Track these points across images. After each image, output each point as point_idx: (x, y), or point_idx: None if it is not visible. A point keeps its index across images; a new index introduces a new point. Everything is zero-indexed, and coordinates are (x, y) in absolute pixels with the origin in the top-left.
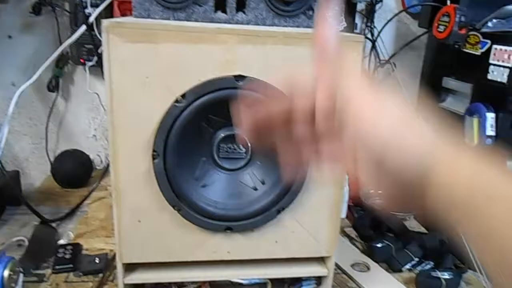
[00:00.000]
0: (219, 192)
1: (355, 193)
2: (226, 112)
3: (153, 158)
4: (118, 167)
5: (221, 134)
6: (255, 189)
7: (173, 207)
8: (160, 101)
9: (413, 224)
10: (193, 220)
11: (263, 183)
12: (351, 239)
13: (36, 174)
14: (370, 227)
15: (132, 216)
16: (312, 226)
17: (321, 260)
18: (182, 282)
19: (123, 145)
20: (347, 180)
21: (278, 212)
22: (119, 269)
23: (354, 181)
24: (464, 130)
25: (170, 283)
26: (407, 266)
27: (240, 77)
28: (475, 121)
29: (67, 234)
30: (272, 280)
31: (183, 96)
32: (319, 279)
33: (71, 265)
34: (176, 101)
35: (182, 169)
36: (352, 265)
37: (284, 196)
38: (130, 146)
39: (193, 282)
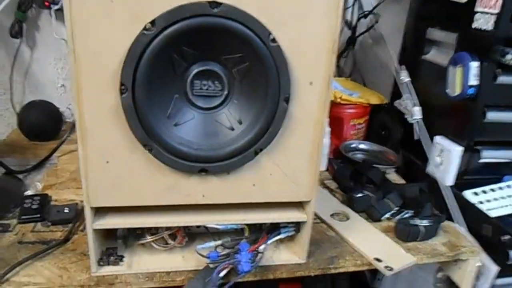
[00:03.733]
0: (193, 131)
1: (335, 146)
2: (201, 44)
3: (121, 93)
4: (82, 104)
5: (195, 69)
6: (232, 129)
7: (144, 146)
8: (127, 29)
9: (393, 177)
10: (165, 160)
11: (240, 122)
12: (331, 190)
13: (2, 127)
14: (350, 179)
15: (100, 156)
16: (291, 169)
17: (300, 205)
18: (156, 228)
19: (87, 79)
20: (329, 133)
21: (256, 153)
22: (87, 213)
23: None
24: (447, 81)
25: (142, 230)
26: (387, 216)
27: (214, 3)
28: (459, 70)
29: (34, 185)
30: (249, 225)
31: (152, 23)
32: (298, 226)
33: (38, 215)
34: (145, 28)
35: (153, 105)
36: (332, 215)
37: (262, 136)
38: (95, 80)
39: (167, 229)
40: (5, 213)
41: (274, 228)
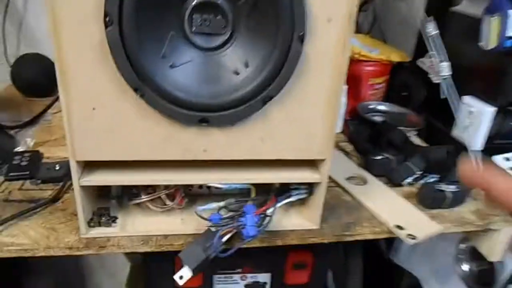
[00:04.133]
0: (191, 74)
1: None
2: None
3: (106, 26)
4: (61, 41)
5: (194, 0)
6: (236, 73)
7: (135, 90)
8: None
9: (416, 141)
10: (160, 108)
11: (246, 65)
12: (346, 153)
13: None
14: (368, 140)
15: (85, 103)
16: (305, 121)
17: (313, 165)
18: (152, 188)
19: (66, 10)
20: (345, 91)
21: (264, 102)
22: (73, 168)
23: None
24: (481, 33)
25: (138, 189)
26: (408, 180)
27: None
28: (495, 20)
29: (25, 142)
30: (256, 186)
31: None
32: (310, 188)
33: (27, 173)
34: None
35: (144, 42)
36: (347, 178)
37: (272, 82)
38: (75, 10)
39: (165, 188)
40: None
41: (284, 190)
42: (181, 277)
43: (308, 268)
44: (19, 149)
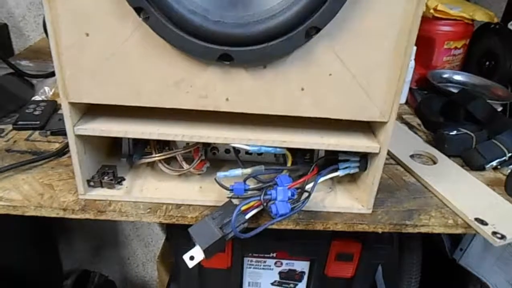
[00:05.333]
0: None
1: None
2: None
3: None
4: None
5: None
6: None
7: (138, 11)
8: None
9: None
10: (169, 36)
11: None
12: (411, 127)
13: (34, 33)
14: (440, 113)
15: (76, 25)
16: (363, 68)
17: (370, 130)
18: (167, 146)
19: None
20: (413, 54)
21: (308, 35)
22: (66, 111)
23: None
24: None
25: (151, 147)
26: (494, 163)
27: None
28: None
29: (44, 91)
30: (293, 153)
31: None
32: (364, 161)
33: (37, 122)
34: None
35: None
36: (412, 156)
37: (320, 8)
38: None
39: (186, 146)
40: (2, 117)
41: (330, 161)
42: (191, 258)
43: (354, 260)
44: (37, 98)
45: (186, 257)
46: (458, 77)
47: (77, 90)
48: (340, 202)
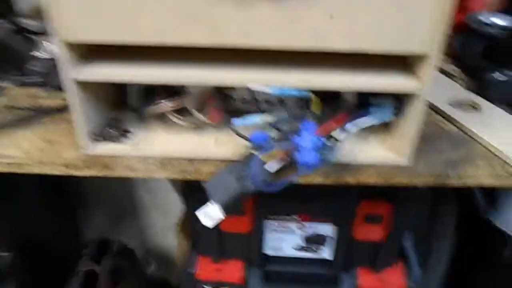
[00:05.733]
0: None
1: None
2: None
3: None
4: None
5: None
6: None
7: None
8: None
9: None
10: None
11: None
12: (449, 75)
13: None
14: (482, 57)
15: None
16: None
17: (407, 67)
18: (178, 94)
19: None
20: None
21: None
22: (63, 54)
23: None
24: None
25: (161, 96)
26: None
27: None
28: None
29: (46, 47)
30: (319, 96)
31: None
32: (399, 106)
33: (40, 79)
34: None
35: None
36: (451, 104)
37: None
38: None
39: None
40: (4, 74)
41: (362, 105)
42: (209, 216)
43: (383, 222)
44: (40, 55)
45: (202, 215)
46: (497, 20)
47: (71, 26)
48: (373, 153)
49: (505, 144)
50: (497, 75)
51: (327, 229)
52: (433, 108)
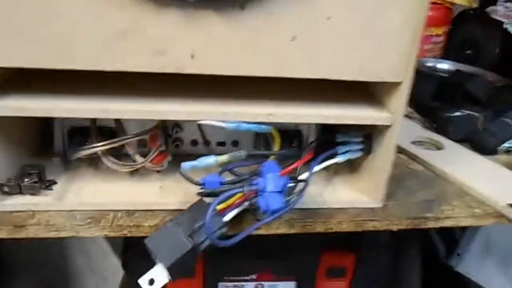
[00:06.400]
0: None
1: None
2: None
3: None
4: None
5: None
6: None
7: None
8: None
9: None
10: None
11: None
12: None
13: None
14: (433, 97)
15: None
16: (370, 10)
17: (375, 99)
18: (112, 133)
19: None
20: None
21: None
22: None
23: None
24: None
25: (86, 136)
26: (506, 145)
27: None
28: None
29: None
30: (282, 131)
31: None
32: (368, 142)
33: None
34: None
35: None
36: (414, 143)
37: None
38: None
39: (138, 134)
40: None
41: (324, 146)
42: (151, 282)
43: (347, 275)
44: None
45: (143, 281)
46: (443, 65)
47: None
48: (342, 195)
49: (476, 181)
50: (452, 113)
51: (287, 287)
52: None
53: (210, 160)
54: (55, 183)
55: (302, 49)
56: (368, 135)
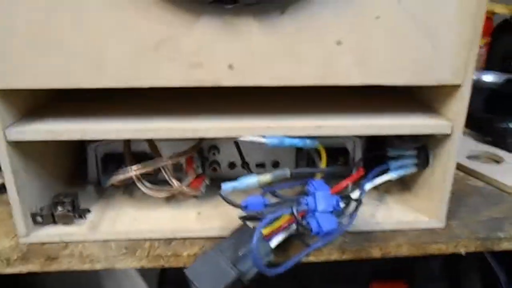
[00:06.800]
0: None
1: None
2: None
3: None
4: None
5: None
6: None
7: None
8: None
9: None
10: None
11: None
12: None
13: None
14: (485, 110)
15: None
16: (424, 6)
17: (427, 108)
18: (140, 154)
19: None
20: None
21: None
22: None
23: None
24: None
25: (120, 163)
26: None
27: None
28: None
29: None
30: (328, 148)
31: None
32: (424, 153)
33: None
34: None
35: None
36: (469, 158)
37: None
38: None
39: (174, 156)
40: None
41: (375, 160)
42: None
43: None
44: None
45: None
46: (487, 77)
47: (5, 69)
48: (398, 215)
49: None
50: (509, 124)
51: None
52: None
53: (252, 179)
54: (89, 211)
55: (349, 54)
56: (423, 148)
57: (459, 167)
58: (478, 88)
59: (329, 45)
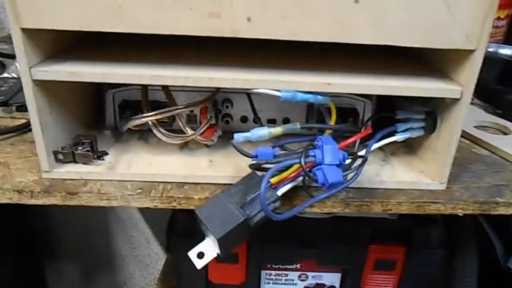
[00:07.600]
0: None
1: None
2: None
3: None
4: None
5: None
6: None
7: None
8: None
9: None
10: None
11: None
12: None
13: None
14: (497, 82)
15: None
16: None
17: (439, 72)
18: (156, 102)
19: None
20: None
21: None
22: (17, 44)
23: None
24: None
25: (137, 109)
26: None
27: None
28: None
29: (14, 68)
30: (338, 109)
31: None
32: (432, 118)
33: (1, 97)
34: None
35: None
36: (477, 128)
37: None
38: None
39: (187, 106)
40: None
41: (383, 121)
42: (200, 255)
43: (397, 269)
44: (5, 75)
45: (193, 254)
46: (505, 51)
47: (33, 9)
48: (401, 175)
49: None
50: None
51: (332, 279)
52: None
53: (264, 131)
54: (107, 153)
55: (366, 12)
56: (431, 112)
57: (466, 135)
58: (494, 60)
59: (346, 3)
